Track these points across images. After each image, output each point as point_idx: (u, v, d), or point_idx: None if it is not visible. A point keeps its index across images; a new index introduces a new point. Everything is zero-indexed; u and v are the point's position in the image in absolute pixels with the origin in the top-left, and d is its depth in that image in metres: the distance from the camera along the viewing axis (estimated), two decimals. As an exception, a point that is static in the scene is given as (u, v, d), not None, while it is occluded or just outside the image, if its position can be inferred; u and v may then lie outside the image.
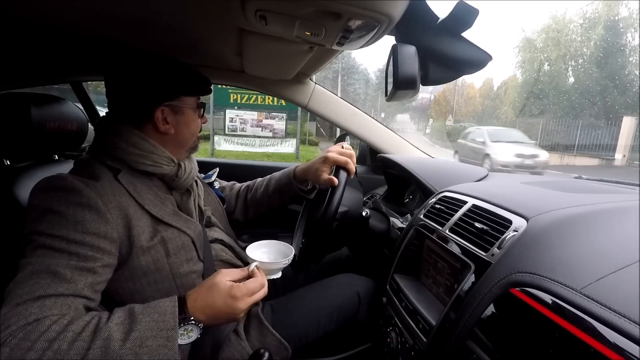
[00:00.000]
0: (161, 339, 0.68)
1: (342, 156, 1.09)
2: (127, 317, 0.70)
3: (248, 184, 1.36)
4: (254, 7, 0.70)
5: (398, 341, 0.95)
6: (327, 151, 1.12)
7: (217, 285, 0.75)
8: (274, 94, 1.73)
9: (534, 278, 0.62)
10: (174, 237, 0.90)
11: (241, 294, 0.74)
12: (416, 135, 37.39)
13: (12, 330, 0.63)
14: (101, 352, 0.64)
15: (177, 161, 0.96)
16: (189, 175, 0.98)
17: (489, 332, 0.66)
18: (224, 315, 0.75)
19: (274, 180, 1.27)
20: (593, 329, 0.49)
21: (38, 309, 0.65)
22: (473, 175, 1.35)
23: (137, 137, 0.90)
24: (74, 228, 0.75)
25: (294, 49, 1.05)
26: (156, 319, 0.69)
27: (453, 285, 0.86)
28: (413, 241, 1.07)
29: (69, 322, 0.66)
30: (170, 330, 0.69)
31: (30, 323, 0.64)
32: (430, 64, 0.83)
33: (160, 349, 0.68)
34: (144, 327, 0.68)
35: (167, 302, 0.73)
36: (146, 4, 0.78)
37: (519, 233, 0.75)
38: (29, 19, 0.90)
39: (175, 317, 0.71)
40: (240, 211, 1.32)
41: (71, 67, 1.52)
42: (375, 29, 0.72)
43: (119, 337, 0.66)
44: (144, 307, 0.72)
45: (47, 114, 1.13)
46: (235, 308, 0.74)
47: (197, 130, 1.02)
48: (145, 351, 0.67)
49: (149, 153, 0.91)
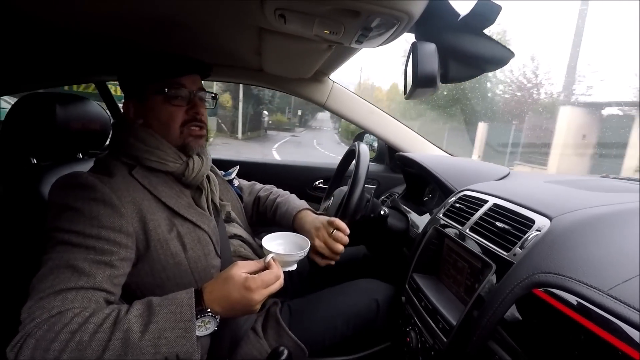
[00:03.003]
0: (179, 330, 0.69)
1: (326, 249, 1.04)
2: (145, 309, 0.71)
3: (261, 194, 1.35)
4: (273, 6, 0.71)
5: (418, 341, 0.94)
6: (317, 231, 1.07)
7: (232, 277, 0.75)
8: (292, 92, 1.73)
9: (558, 278, 0.60)
10: (190, 232, 0.91)
11: (256, 286, 0.74)
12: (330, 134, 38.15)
13: (37, 322, 0.65)
14: (121, 343, 0.66)
15: (185, 159, 0.96)
16: (197, 174, 0.97)
17: (511, 332, 0.65)
18: (240, 306, 0.75)
19: (278, 214, 1.23)
20: (621, 331, 0.47)
21: (60, 302, 0.68)
22: (494, 174, 1.33)
23: (144, 132, 0.93)
24: (90, 223, 0.77)
25: (312, 48, 1.06)
26: (174, 310, 0.70)
27: (473, 285, 0.85)
28: (432, 240, 1.06)
29: (90, 314, 0.68)
30: (187, 321, 0.70)
31: (53, 315, 0.66)
32: (450, 61, 0.82)
33: (179, 340, 0.68)
34: (162, 319, 0.69)
35: (184, 294, 0.73)
36: (167, 4, 0.79)
37: (542, 233, 0.74)
38: (53, 20, 0.92)
39: (192, 308, 0.71)
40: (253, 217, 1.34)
41: (95, 68, 1.56)
42: (394, 26, 0.71)
43: (138, 328, 0.67)
44: (162, 299, 0.73)
45: (71, 114, 1.17)
46: (250, 299, 0.74)
47: (169, 120, 0.94)
48: (164, 342, 0.67)
49: (154, 149, 0.92)
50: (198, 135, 0.98)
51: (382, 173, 1.98)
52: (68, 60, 1.40)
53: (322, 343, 1.01)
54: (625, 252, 0.62)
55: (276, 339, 0.97)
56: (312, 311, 1.07)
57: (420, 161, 1.40)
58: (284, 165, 2.06)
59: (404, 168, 1.66)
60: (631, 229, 0.69)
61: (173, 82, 0.93)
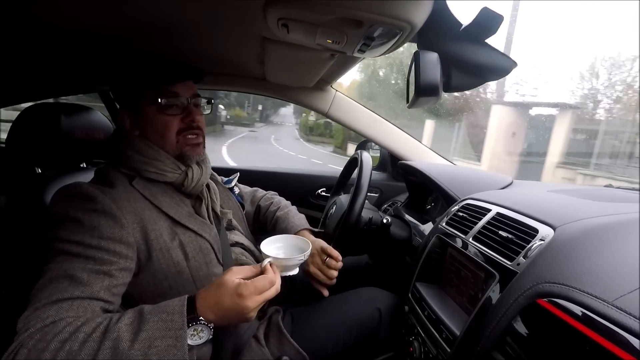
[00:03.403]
0: (170, 339, 0.67)
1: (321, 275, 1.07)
2: (136, 317, 0.70)
3: (262, 203, 1.36)
4: (276, 16, 0.71)
5: (421, 351, 0.93)
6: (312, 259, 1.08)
7: (224, 283, 0.73)
8: (295, 101, 1.74)
9: (562, 289, 0.60)
10: (191, 241, 0.91)
11: (248, 292, 0.71)
12: (291, 129, 38.41)
13: (30, 332, 0.65)
14: (110, 352, 0.64)
15: (183, 168, 0.96)
16: (197, 183, 0.97)
17: (515, 343, 0.64)
18: (233, 314, 0.72)
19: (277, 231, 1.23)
20: (627, 343, 0.47)
21: (55, 311, 0.68)
22: (497, 182, 1.32)
23: (141, 143, 0.93)
24: (90, 233, 0.77)
25: (315, 57, 1.06)
26: (164, 318, 0.68)
27: (477, 295, 0.85)
28: (435, 249, 1.06)
29: (82, 323, 0.67)
30: (178, 330, 0.67)
31: (47, 325, 0.66)
32: (453, 70, 0.82)
33: (170, 349, 0.66)
34: (152, 327, 0.67)
35: (176, 301, 0.72)
36: (169, 13, 0.80)
37: (546, 242, 0.73)
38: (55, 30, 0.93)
39: (184, 316, 0.69)
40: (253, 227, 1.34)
41: (98, 77, 1.57)
42: (397, 36, 0.72)
43: (128, 337, 0.66)
44: (154, 307, 0.71)
45: (75, 123, 1.17)
46: (243, 307, 0.71)
47: (164, 130, 0.93)
48: (154, 352, 0.66)
49: (152, 159, 0.92)
50: (195, 143, 0.98)
51: (384, 181, 1.98)
52: (70, 70, 1.41)
53: (324, 352, 1.00)
54: (630, 263, 0.61)
55: (278, 347, 0.96)
56: (314, 319, 1.06)
57: (423, 170, 1.40)
58: (287, 174, 2.06)
59: (406, 176, 1.66)
60: (635, 239, 0.68)
61: (166, 91, 0.93)
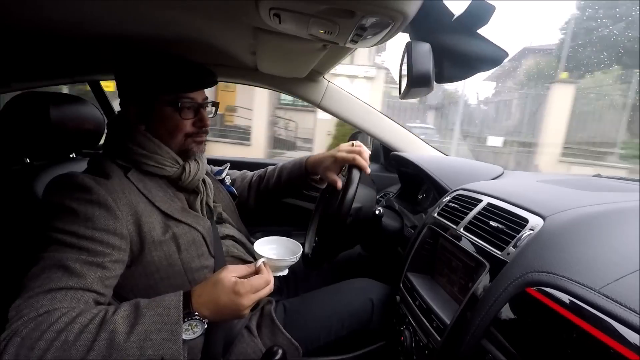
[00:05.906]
0: (165, 333, 0.68)
1: (350, 154, 1.07)
2: (132, 310, 0.71)
3: (260, 173, 1.37)
4: (268, 6, 0.70)
5: (412, 340, 0.94)
6: (337, 149, 1.11)
7: (221, 281, 0.75)
8: (287, 92, 1.73)
9: (551, 277, 0.61)
10: (185, 233, 0.92)
11: (245, 291, 0.74)
12: None
13: (24, 320, 0.65)
14: (106, 344, 0.65)
15: (181, 163, 0.96)
16: (194, 178, 0.98)
17: (504, 331, 0.65)
18: (229, 311, 0.75)
19: (286, 172, 1.27)
20: (613, 330, 0.48)
21: (49, 301, 0.68)
22: (488, 173, 1.33)
23: (142, 137, 0.92)
24: (85, 224, 0.77)
25: (307, 47, 1.05)
26: (160, 312, 0.70)
27: (467, 284, 0.86)
28: (427, 240, 1.06)
29: (77, 314, 0.68)
30: (174, 324, 0.69)
31: (41, 314, 0.66)
32: (445, 61, 0.82)
33: (165, 342, 0.68)
34: (148, 321, 0.68)
35: (172, 296, 0.73)
36: (161, 3, 0.79)
37: (535, 232, 0.74)
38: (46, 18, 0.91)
39: (180, 311, 0.71)
40: (254, 201, 1.34)
41: (87, 66, 1.54)
42: (389, 26, 0.71)
43: (124, 330, 0.67)
44: (150, 301, 0.73)
45: (65, 114, 1.16)
46: (239, 304, 0.74)
47: (176, 130, 0.95)
48: (150, 345, 0.67)
49: (152, 153, 0.92)
50: (200, 141, 1.00)
51: (377, 172, 1.98)
52: (60, 58, 1.38)
53: (316, 342, 1.01)
54: (617, 251, 0.62)
55: (270, 338, 0.97)
56: (307, 310, 1.07)
57: (415, 161, 1.40)
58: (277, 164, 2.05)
59: (398, 168, 1.66)
60: (623, 228, 0.69)
61: (185, 96, 0.94)
